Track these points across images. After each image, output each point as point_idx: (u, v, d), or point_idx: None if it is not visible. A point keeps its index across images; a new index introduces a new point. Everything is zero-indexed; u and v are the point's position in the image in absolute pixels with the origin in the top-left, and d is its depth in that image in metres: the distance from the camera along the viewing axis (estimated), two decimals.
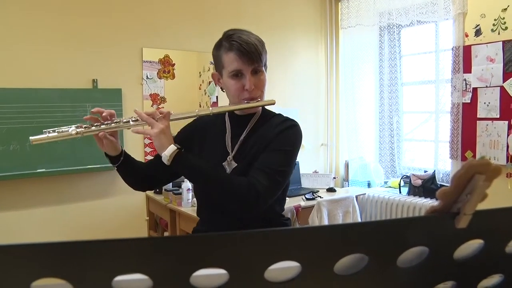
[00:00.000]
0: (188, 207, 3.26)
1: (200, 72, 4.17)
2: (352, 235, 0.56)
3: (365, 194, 4.25)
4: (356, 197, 4.08)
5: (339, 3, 4.69)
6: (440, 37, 3.99)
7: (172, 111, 1.45)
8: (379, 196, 4.13)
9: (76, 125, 1.39)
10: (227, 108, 1.55)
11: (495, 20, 3.43)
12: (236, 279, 0.53)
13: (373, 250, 0.56)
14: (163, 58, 3.87)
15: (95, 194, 3.54)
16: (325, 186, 4.21)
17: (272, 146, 1.46)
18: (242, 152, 1.53)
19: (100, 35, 3.51)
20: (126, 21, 3.62)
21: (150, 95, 3.82)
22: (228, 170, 1.53)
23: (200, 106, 4.15)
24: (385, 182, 4.50)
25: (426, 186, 3.89)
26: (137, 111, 1.43)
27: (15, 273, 0.48)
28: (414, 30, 4.25)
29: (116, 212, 3.64)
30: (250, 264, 0.53)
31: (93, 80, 3.48)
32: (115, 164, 1.54)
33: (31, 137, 1.37)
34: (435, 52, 4.03)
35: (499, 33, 3.41)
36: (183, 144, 1.49)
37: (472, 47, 3.56)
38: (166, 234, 3.71)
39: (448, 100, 3.81)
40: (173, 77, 3.94)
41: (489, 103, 3.49)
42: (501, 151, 3.42)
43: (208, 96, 4.11)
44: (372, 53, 4.49)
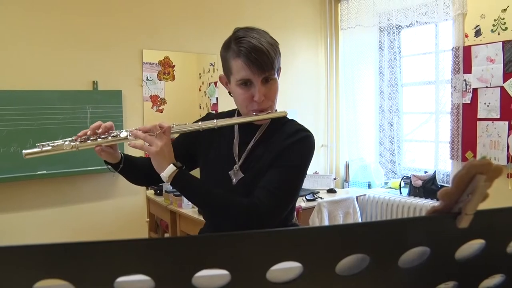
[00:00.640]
0: (188, 209, 3.26)
1: (200, 74, 4.17)
2: (354, 235, 0.56)
3: (365, 195, 4.25)
4: (357, 198, 4.09)
5: (339, 4, 4.70)
6: (440, 38, 3.99)
7: (174, 123, 1.36)
8: (380, 197, 4.13)
9: (70, 138, 1.35)
10: (233, 121, 1.42)
11: (495, 20, 3.43)
12: (238, 280, 0.53)
13: (375, 250, 0.56)
14: (163, 59, 3.88)
15: (96, 195, 3.54)
16: (326, 187, 4.21)
17: (281, 161, 1.36)
18: (249, 162, 1.42)
19: (100, 37, 3.51)
20: (126, 22, 3.63)
21: (150, 96, 3.82)
22: (234, 180, 1.43)
23: (200, 107, 4.16)
24: (386, 183, 4.50)
25: (427, 187, 3.89)
26: (133, 132, 1.32)
27: (17, 275, 0.48)
28: (414, 31, 4.25)
29: (116, 214, 3.64)
30: (252, 264, 0.53)
31: (93, 81, 3.48)
32: (115, 171, 1.48)
33: (24, 151, 1.33)
34: (435, 52, 4.03)
35: (499, 34, 3.41)
36: (188, 146, 1.42)
37: (472, 47, 3.57)
38: (166, 236, 3.71)
39: (448, 100, 3.81)
40: (173, 78, 3.94)
41: (489, 103, 3.49)
42: (502, 151, 3.42)
43: (208, 97, 4.12)
44: (372, 54, 4.49)
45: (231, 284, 0.53)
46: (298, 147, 1.38)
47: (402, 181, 4.18)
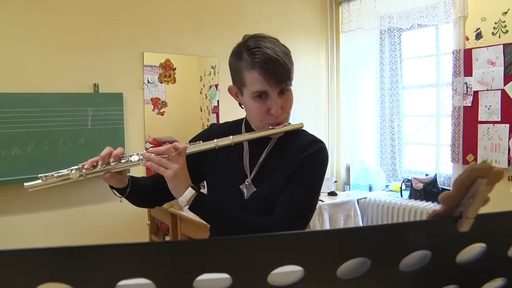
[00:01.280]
0: (189, 212, 3.26)
1: (201, 76, 4.18)
2: (355, 239, 0.56)
3: (366, 197, 4.24)
4: (358, 201, 4.08)
5: (340, 7, 4.71)
6: (440, 41, 3.99)
7: (187, 144, 1.29)
8: (381, 200, 4.12)
9: (76, 166, 1.25)
10: (250, 137, 1.33)
11: (495, 23, 3.43)
12: (239, 283, 0.53)
13: (376, 254, 0.56)
14: (164, 62, 3.88)
15: (97, 198, 3.54)
16: (327, 190, 4.20)
17: (299, 176, 1.31)
18: (262, 176, 1.36)
19: (101, 39, 3.52)
20: (127, 25, 3.63)
21: (151, 99, 3.82)
22: (246, 194, 1.37)
23: (201, 110, 4.16)
24: (387, 186, 4.49)
25: (428, 190, 3.88)
26: (146, 155, 1.24)
27: (19, 278, 0.48)
28: (415, 33, 4.25)
29: (117, 217, 3.64)
30: (253, 268, 0.53)
31: (95, 84, 3.49)
32: (121, 196, 1.38)
33: (26, 184, 1.24)
34: (436, 55, 4.03)
35: (499, 37, 3.41)
36: (196, 158, 1.35)
37: (473, 50, 3.57)
38: (167, 239, 3.71)
39: (449, 103, 3.81)
40: (174, 81, 3.95)
41: (490, 106, 3.49)
42: (503, 154, 3.42)
43: (209, 100, 4.12)
44: (372, 56, 4.49)
45: None
46: (314, 160, 1.34)
47: (403, 184, 4.18)
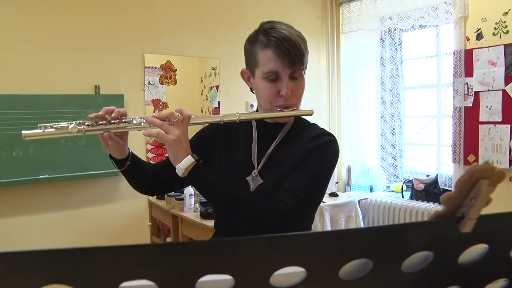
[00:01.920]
0: (190, 213, 3.26)
1: (201, 78, 4.18)
2: (357, 240, 0.56)
3: (367, 198, 4.24)
4: (359, 201, 4.08)
5: (340, 8, 4.71)
6: (441, 41, 3.99)
7: (193, 114, 1.23)
8: (382, 201, 4.12)
9: (78, 121, 1.19)
10: (257, 116, 1.33)
11: (496, 24, 3.43)
12: (242, 285, 0.53)
13: (378, 255, 0.56)
14: (165, 63, 3.88)
15: (98, 199, 3.54)
16: (328, 191, 4.19)
17: (306, 165, 1.27)
18: (269, 167, 1.32)
19: (102, 41, 3.52)
20: (128, 27, 3.64)
21: (152, 100, 3.83)
22: (252, 186, 1.33)
23: (202, 111, 4.16)
24: (388, 187, 4.49)
25: (429, 190, 3.88)
26: (148, 118, 1.20)
27: (21, 280, 0.48)
28: (415, 34, 4.25)
29: (118, 218, 3.64)
30: (255, 269, 0.53)
31: (95, 86, 3.49)
32: (120, 169, 1.33)
33: (24, 132, 1.18)
34: (437, 56, 4.03)
35: (500, 37, 3.41)
36: (201, 148, 1.33)
37: (474, 51, 3.57)
38: (168, 240, 3.71)
39: (450, 104, 3.81)
40: (175, 82, 3.95)
41: (491, 106, 3.49)
42: (504, 154, 3.42)
43: (210, 101, 4.12)
44: (373, 57, 4.49)
45: None
46: (323, 151, 1.30)
47: (404, 184, 4.18)
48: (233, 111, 1.59)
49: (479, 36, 3.55)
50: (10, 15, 3.18)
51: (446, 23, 3.80)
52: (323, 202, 3.77)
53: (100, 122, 1.20)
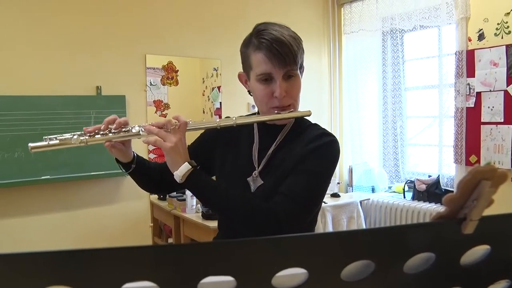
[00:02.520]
0: (192, 213, 3.26)
1: (203, 78, 4.18)
2: (359, 241, 0.56)
3: (369, 199, 4.24)
4: (360, 202, 4.08)
5: (342, 8, 4.71)
6: (443, 42, 3.99)
7: (190, 120, 1.25)
8: (383, 201, 4.12)
9: (80, 132, 1.26)
10: (253, 119, 1.33)
11: (498, 24, 3.43)
12: (244, 286, 0.53)
13: (380, 256, 0.56)
14: (167, 64, 3.89)
15: (100, 200, 3.54)
16: (329, 192, 4.20)
17: (304, 167, 1.26)
18: (270, 168, 1.33)
19: (103, 42, 3.53)
20: (130, 27, 3.64)
21: (154, 101, 3.83)
22: (253, 187, 1.34)
23: (203, 112, 4.16)
24: (389, 187, 4.49)
25: (431, 191, 3.87)
26: (146, 127, 1.24)
27: (23, 282, 0.48)
28: (417, 34, 4.25)
29: (120, 219, 3.64)
30: (257, 271, 0.53)
31: (97, 87, 3.49)
32: (126, 171, 1.37)
33: (30, 144, 1.24)
34: (438, 56, 4.02)
35: (502, 37, 3.41)
36: (203, 152, 1.35)
37: (476, 51, 3.56)
38: (170, 241, 3.71)
39: (451, 104, 3.80)
40: (177, 83, 3.95)
41: (493, 107, 3.48)
42: (506, 155, 3.41)
43: (212, 102, 4.12)
44: (375, 58, 4.49)
45: None
46: (322, 152, 1.29)
47: (406, 185, 4.17)
48: (234, 112, 1.61)
49: (481, 37, 3.54)
50: (11, 16, 3.19)
51: (448, 23, 3.79)
52: (324, 203, 3.77)
53: (102, 132, 1.26)
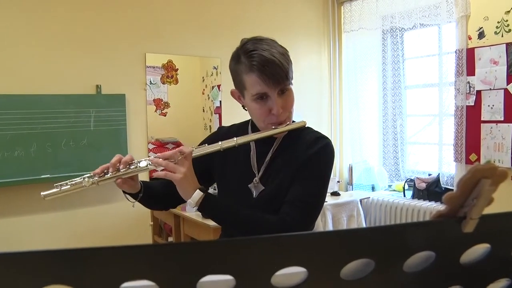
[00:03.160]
0: (192, 212, 3.26)
1: (203, 77, 4.18)
2: (358, 240, 0.56)
3: (369, 197, 4.24)
4: (360, 200, 4.08)
5: (342, 7, 4.70)
6: (443, 40, 3.98)
7: (193, 147, 1.33)
8: (383, 200, 4.12)
9: (88, 174, 1.32)
10: (253, 137, 1.38)
11: (498, 22, 3.42)
12: (243, 285, 0.53)
13: (380, 255, 0.56)
14: (166, 63, 3.89)
15: (100, 199, 3.54)
16: (329, 190, 4.19)
17: (305, 174, 1.34)
18: (269, 174, 1.39)
19: (103, 41, 3.52)
20: (129, 26, 3.64)
21: (154, 100, 3.83)
22: (255, 193, 1.40)
23: (203, 111, 4.16)
24: (389, 186, 4.49)
25: (431, 190, 3.87)
26: (153, 160, 1.29)
27: (23, 281, 0.48)
28: (417, 33, 4.25)
29: (120, 217, 3.64)
30: (256, 269, 0.53)
31: (97, 85, 3.49)
32: (134, 201, 1.43)
33: (43, 193, 1.33)
34: (438, 55, 4.02)
35: (502, 36, 3.40)
36: (202, 169, 1.39)
37: (476, 49, 3.56)
38: (170, 239, 3.71)
39: (451, 103, 3.80)
40: (177, 82, 3.95)
41: (493, 105, 3.48)
42: (506, 153, 3.41)
43: (212, 101, 4.12)
44: (375, 56, 4.49)
45: None
46: (320, 157, 1.36)
47: (405, 183, 4.17)
48: (234, 111, 1.62)
49: (481, 35, 3.54)
50: (11, 16, 3.18)
51: (448, 21, 3.79)
52: (325, 201, 3.77)
53: (110, 171, 1.32)
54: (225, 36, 4.03)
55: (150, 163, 1.29)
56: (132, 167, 1.31)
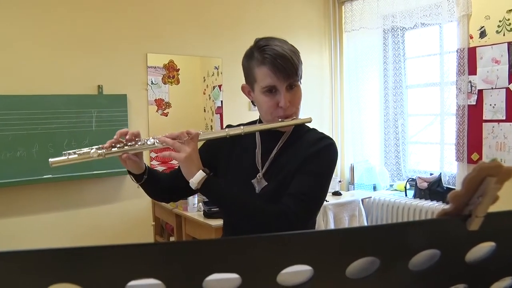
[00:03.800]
0: (194, 212, 3.27)
1: (204, 77, 4.18)
2: (364, 238, 0.56)
3: (370, 197, 4.24)
4: (362, 200, 4.07)
5: (343, 6, 4.70)
6: (444, 39, 3.98)
7: (201, 131, 1.35)
8: (385, 199, 4.12)
9: (97, 146, 1.33)
10: (259, 127, 1.42)
11: (499, 21, 3.42)
12: (249, 283, 0.53)
13: (385, 253, 0.56)
14: (168, 63, 3.89)
15: (102, 199, 3.55)
16: (331, 190, 4.19)
17: (307, 169, 1.36)
18: (273, 170, 1.42)
19: (105, 41, 3.53)
20: (131, 26, 3.64)
21: (155, 100, 3.83)
22: (258, 188, 1.43)
23: (204, 111, 4.16)
24: (391, 185, 4.49)
25: (432, 189, 3.87)
26: (160, 138, 1.32)
27: (29, 279, 0.48)
28: (418, 32, 4.25)
29: (122, 217, 3.65)
30: (262, 268, 0.53)
31: (99, 86, 3.49)
32: (138, 182, 1.46)
33: (51, 159, 1.35)
34: (440, 54, 4.02)
35: (504, 35, 3.40)
36: (209, 159, 1.42)
37: (477, 49, 3.56)
38: (172, 239, 3.71)
39: (453, 102, 3.80)
40: (178, 82, 3.95)
41: (494, 105, 3.48)
42: (508, 153, 3.41)
43: (213, 101, 4.12)
44: (376, 56, 4.48)
45: None
46: (323, 154, 1.39)
47: (407, 183, 4.17)
48: (236, 110, 1.64)
49: (483, 34, 3.54)
50: (12, 16, 3.19)
51: (449, 21, 3.79)
52: (326, 201, 3.77)
53: (118, 145, 1.34)
54: (226, 36, 4.03)
55: (157, 141, 1.32)
56: (140, 143, 1.33)
